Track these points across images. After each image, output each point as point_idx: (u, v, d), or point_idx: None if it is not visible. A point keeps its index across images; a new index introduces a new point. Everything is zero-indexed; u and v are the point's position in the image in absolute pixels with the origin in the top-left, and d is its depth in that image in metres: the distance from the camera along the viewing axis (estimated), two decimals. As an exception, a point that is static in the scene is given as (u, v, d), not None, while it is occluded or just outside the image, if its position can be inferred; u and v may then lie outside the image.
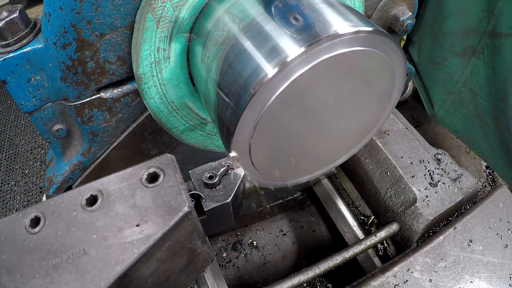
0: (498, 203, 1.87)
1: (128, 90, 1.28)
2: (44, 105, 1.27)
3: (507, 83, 1.91)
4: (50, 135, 1.36)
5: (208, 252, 0.94)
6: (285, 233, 2.51)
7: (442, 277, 1.68)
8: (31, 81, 1.20)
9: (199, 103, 1.40)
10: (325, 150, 1.28)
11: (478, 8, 1.95)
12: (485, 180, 2.75)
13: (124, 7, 1.11)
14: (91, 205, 0.79)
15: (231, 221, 1.00)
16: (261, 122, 1.00)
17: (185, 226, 0.81)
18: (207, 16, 1.17)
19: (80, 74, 1.18)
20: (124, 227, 0.76)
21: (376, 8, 1.54)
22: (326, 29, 0.95)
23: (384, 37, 1.01)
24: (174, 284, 0.90)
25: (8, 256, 0.75)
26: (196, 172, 0.93)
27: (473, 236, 1.78)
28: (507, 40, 1.85)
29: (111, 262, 0.73)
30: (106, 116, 1.31)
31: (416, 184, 1.93)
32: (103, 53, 1.17)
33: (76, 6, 1.06)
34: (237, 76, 1.00)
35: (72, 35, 1.10)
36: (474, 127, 2.28)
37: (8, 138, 3.66)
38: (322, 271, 1.81)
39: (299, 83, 0.96)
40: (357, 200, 2.24)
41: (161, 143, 1.49)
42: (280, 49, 0.94)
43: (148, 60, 1.21)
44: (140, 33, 1.15)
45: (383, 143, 2.07)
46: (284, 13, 1.02)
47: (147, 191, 0.81)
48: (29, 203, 3.12)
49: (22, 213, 0.80)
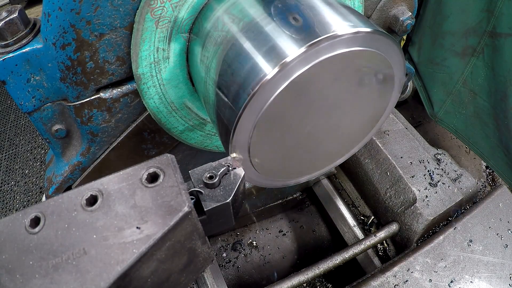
0: (498, 203, 1.87)
1: (128, 90, 1.29)
2: (44, 105, 1.27)
3: (507, 83, 1.91)
4: (49, 135, 1.36)
5: (208, 252, 0.94)
6: (285, 233, 2.51)
7: (442, 277, 1.68)
8: (31, 81, 1.20)
9: (198, 103, 1.40)
10: (324, 150, 1.28)
11: (478, 8, 1.95)
12: (485, 180, 2.75)
13: (123, 7, 1.11)
14: (91, 205, 0.79)
15: (231, 221, 1.00)
16: (260, 122, 1.00)
17: (185, 226, 0.81)
18: (207, 16, 1.17)
19: (79, 74, 1.18)
20: (124, 227, 0.76)
21: (375, 8, 1.54)
22: (325, 29, 0.95)
23: (383, 37, 1.01)
24: (174, 284, 0.90)
25: (8, 256, 0.75)
26: (196, 172, 0.93)
27: (473, 236, 1.78)
28: (507, 40, 1.85)
29: (111, 262, 0.72)
30: (106, 116, 1.31)
31: (416, 184, 1.93)
32: (102, 53, 1.17)
33: (75, 6, 1.06)
34: (236, 76, 1.00)
35: (72, 35, 1.10)
36: (474, 127, 2.28)
37: (8, 138, 3.66)
38: (321, 271, 1.80)
39: (298, 83, 0.96)
40: (356, 200, 2.23)
41: (160, 143, 1.49)
42: (280, 49, 0.94)
43: (147, 60, 1.21)
44: (139, 33, 1.15)
45: (383, 143, 2.07)
46: (283, 13, 1.02)
47: (147, 191, 0.80)
48: (29, 203, 3.12)
49: (22, 213, 0.80)
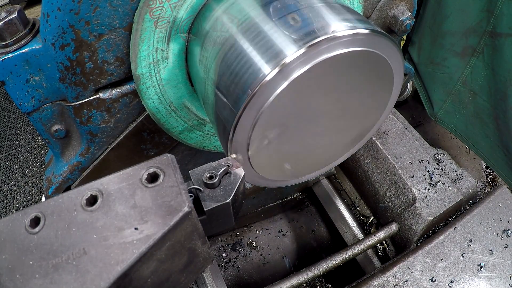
0: (498, 203, 1.87)
1: (127, 90, 1.29)
2: (43, 106, 1.27)
3: (507, 83, 1.91)
4: (49, 136, 1.36)
5: (208, 252, 0.94)
6: (284, 234, 2.51)
7: (442, 277, 1.68)
8: (30, 81, 1.20)
9: (197, 104, 1.40)
10: (323, 150, 1.28)
11: (477, 8, 1.95)
12: (485, 180, 2.75)
13: (122, 7, 1.11)
14: (91, 205, 0.79)
15: (231, 221, 1.00)
16: (260, 122, 0.99)
17: (185, 226, 0.81)
18: (206, 16, 1.17)
19: (78, 75, 1.18)
20: (124, 227, 0.76)
21: (375, 8, 1.54)
22: (324, 29, 0.95)
23: (382, 37, 1.01)
24: (174, 284, 0.90)
25: (8, 256, 0.75)
26: (196, 172, 0.93)
27: (473, 236, 1.78)
28: (507, 40, 1.85)
29: (111, 262, 0.72)
30: (105, 117, 1.31)
31: (416, 184, 1.93)
32: (101, 53, 1.17)
33: (74, 7, 1.06)
34: (236, 77, 1.00)
35: (71, 36, 1.10)
36: (474, 127, 2.28)
37: (8, 138, 3.66)
38: (321, 271, 1.81)
39: (298, 84, 0.96)
40: (356, 200, 2.23)
41: (159, 144, 1.49)
42: (279, 50, 0.94)
43: (146, 61, 1.21)
44: (138, 34, 1.15)
45: (383, 143, 2.07)
46: (282, 14, 1.02)
47: (147, 191, 0.80)
48: (29, 203, 3.12)
49: (22, 213, 0.80)
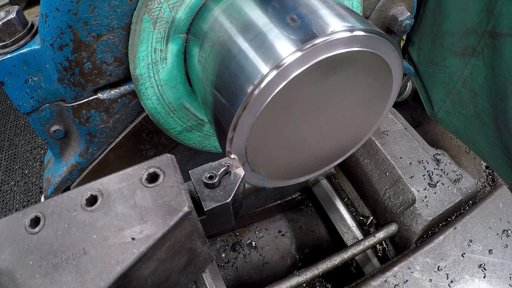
0: (498, 203, 1.87)
1: (125, 91, 1.29)
2: (42, 106, 1.27)
3: (507, 83, 1.91)
4: (48, 136, 1.36)
5: (208, 252, 0.94)
6: (284, 234, 2.51)
7: (442, 277, 1.68)
8: (29, 82, 1.20)
9: (196, 104, 1.40)
10: (322, 150, 1.28)
11: (477, 8, 1.95)
12: (485, 180, 2.75)
13: (120, 8, 1.11)
14: (91, 205, 0.79)
15: (231, 221, 0.99)
16: (258, 123, 1.00)
17: (185, 226, 0.81)
18: (204, 17, 1.17)
19: (77, 75, 1.18)
20: (124, 227, 0.76)
21: (374, 8, 1.54)
22: (323, 29, 0.95)
23: (381, 37, 1.01)
24: (174, 284, 0.90)
25: (8, 256, 0.75)
26: (196, 172, 0.93)
27: (473, 236, 1.78)
28: (507, 40, 1.85)
29: (111, 262, 0.72)
30: (104, 117, 1.31)
31: (415, 184, 1.93)
32: (100, 54, 1.17)
33: (73, 7, 1.06)
34: (234, 77, 1.00)
35: (69, 36, 1.10)
36: (474, 127, 2.28)
37: (8, 138, 3.66)
38: (321, 271, 1.81)
39: (296, 84, 0.96)
40: (356, 201, 2.23)
41: (158, 144, 1.49)
42: (277, 50, 0.94)
43: (145, 61, 1.21)
44: (137, 34, 1.15)
45: (382, 143, 2.07)
46: (281, 14, 1.02)
47: (147, 191, 0.80)
48: (29, 203, 3.11)
49: (22, 213, 0.80)
